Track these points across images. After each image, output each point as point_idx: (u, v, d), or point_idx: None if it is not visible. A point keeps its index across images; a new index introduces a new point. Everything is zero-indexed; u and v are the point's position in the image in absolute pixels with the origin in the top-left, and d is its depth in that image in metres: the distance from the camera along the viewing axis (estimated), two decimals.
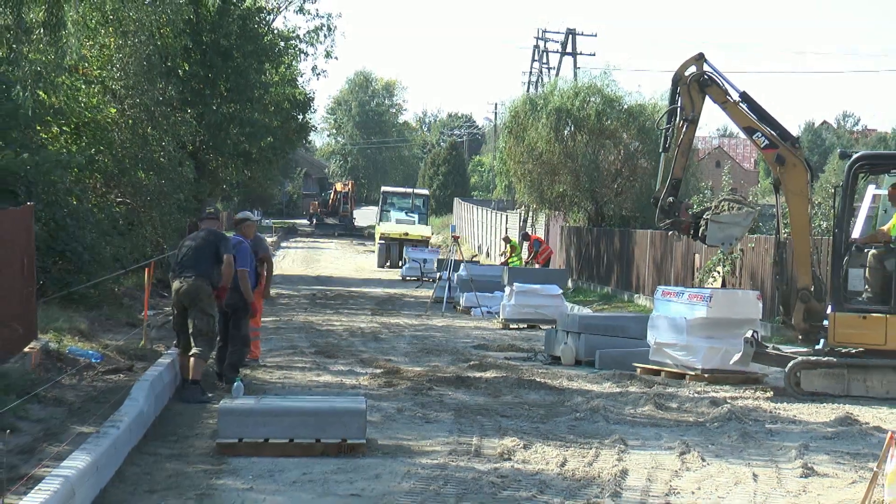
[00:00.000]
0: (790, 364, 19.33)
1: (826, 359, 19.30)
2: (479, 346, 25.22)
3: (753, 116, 20.40)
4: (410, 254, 50.97)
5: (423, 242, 57.79)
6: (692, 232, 20.78)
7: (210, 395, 16.81)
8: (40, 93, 26.95)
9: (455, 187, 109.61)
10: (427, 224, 65.77)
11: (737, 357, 20.42)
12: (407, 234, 59.20)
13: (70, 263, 23.88)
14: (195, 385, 16.67)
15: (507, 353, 24.01)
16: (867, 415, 17.30)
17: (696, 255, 32.76)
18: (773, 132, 20.21)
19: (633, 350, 21.76)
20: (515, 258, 45.09)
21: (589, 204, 47.64)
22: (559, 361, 22.42)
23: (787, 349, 20.29)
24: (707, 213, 20.67)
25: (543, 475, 12.66)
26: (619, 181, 44.17)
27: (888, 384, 18.92)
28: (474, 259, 57.04)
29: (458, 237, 62.69)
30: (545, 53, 77.36)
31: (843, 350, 19.32)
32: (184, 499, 11.25)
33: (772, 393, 19.43)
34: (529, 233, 51.25)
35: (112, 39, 30.05)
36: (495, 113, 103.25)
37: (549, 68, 76.13)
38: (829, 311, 19.48)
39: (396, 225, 61.16)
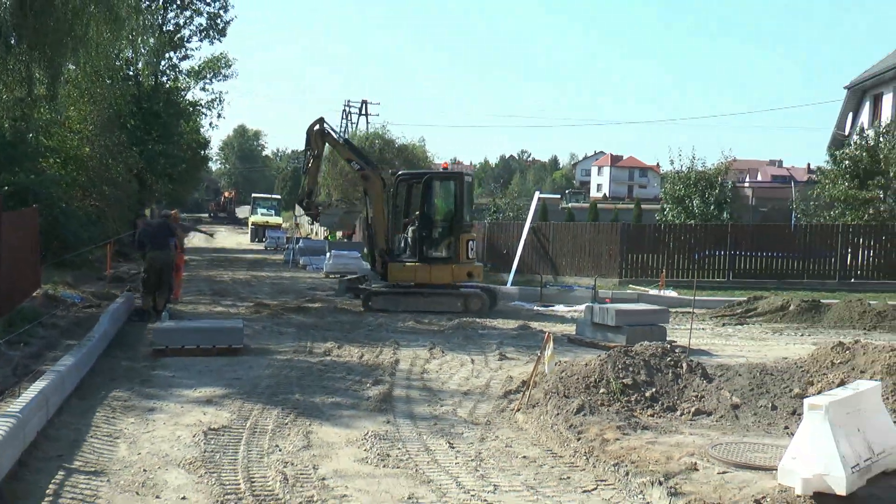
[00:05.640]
0: (365, 293, 19.88)
1: (385, 289, 19.92)
2: (311, 288, 25.01)
3: (353, 153, 20.69)
4: (270, 233, 50.22)
5: (277, 227, 57.16)
6: (318, 218, 21.32)
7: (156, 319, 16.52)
8: (42, 138, 25.96)
9: (296, 194, 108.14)
10: (280, 216, 65.01)
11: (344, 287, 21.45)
12: (268, 222, 58.44)
13: (62, 243, 23.28)
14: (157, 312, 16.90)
15: (328, 293, 23.87)
16: (535, 324, 17.76)
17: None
18: (362, 161, 20.51)
19: None
20: (331, 235, 44.87)
21: None
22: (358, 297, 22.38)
23: (374, 285, 20.35)
24: (321, 207, 21.37)
25: (350, 364, 12.71)
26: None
27: (415, 304, 19.49)
28: (308, 236, 56.53)
29: (299, 223, 61.79)
30: (349, 114, 76.81)
31: (396, 284, 20.05)
32: (133, 383, 10.98)
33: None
34: None
35: (86, 106, 29.68)
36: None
37: (352, 123, 75.58)
38: (389, 262, 20.14)
39: (261, 216, 60.49)
